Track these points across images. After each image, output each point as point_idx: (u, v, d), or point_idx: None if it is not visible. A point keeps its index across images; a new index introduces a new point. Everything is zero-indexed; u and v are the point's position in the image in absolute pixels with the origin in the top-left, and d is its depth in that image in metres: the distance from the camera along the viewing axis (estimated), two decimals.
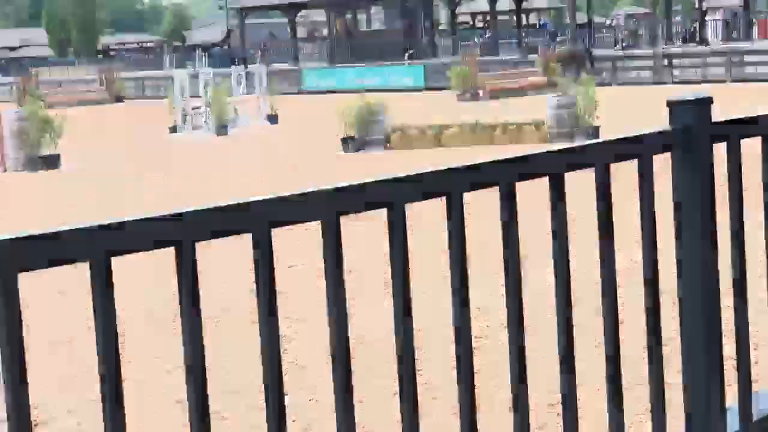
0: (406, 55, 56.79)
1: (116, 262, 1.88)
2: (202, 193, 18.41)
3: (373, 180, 2.24)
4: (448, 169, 2.40)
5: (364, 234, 12.56)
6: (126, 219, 1.83)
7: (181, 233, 1.90)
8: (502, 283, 2.61)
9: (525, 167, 2.57)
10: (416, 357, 2.35)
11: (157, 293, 10.50)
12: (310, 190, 2.09)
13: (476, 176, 2.48)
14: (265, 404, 2.11)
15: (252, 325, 8.78)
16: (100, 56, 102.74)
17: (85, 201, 18.30)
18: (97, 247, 1.79)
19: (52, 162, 24.01)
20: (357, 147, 23.82)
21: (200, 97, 32.16)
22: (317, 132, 28.82)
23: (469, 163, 2.43)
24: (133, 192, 19.18)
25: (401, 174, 2.30)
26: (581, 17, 65.13)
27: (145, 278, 11.14)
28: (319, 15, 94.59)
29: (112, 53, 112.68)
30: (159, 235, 1.88)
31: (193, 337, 1.98)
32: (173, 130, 31.96)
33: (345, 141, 24.09)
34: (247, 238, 2.04)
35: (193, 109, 32.00)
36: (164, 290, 10.48)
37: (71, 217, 16.39)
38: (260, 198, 2.00)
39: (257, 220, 2.00)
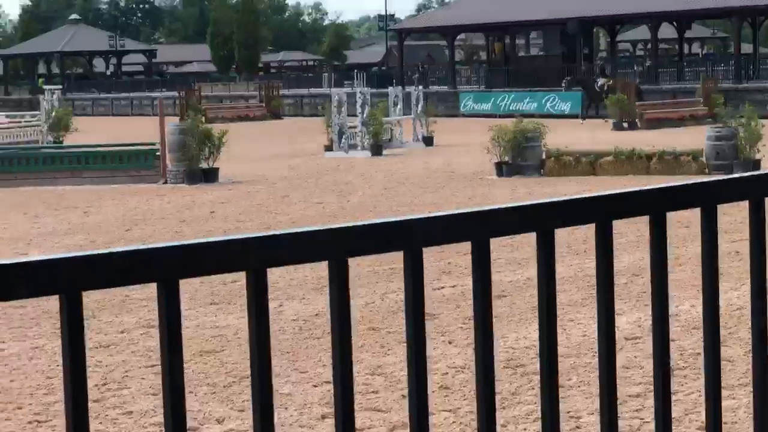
0: (564, 81, 56.43)
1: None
2: (355, 210, 18.60)
3: (523, 204, 2.26)
4: (597, 196, 2.40)
5: (515, 259, 12.54)
6: (281, 232, 1.88)
7: (334, 248, 1.95)
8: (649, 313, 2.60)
9: (676, 197, 2.56)
10: (560, 383, 2.36)
11: (304, 308, 10.63)
12: (462, 211, 2.11)
13: (626, 204, 2.47)
14: (409, 423, 2.14)
15: (399, 345, 8.82)
16: (261, 73, 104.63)
17: (241, 214, 18.64)
18: (253, 258, 1.85)
19: (210, 175, 24.51)
20: (511, 172, 23.75)
21: (357, 116, 32.47)
22: (471, 155, 28.82)
23: (618, 191, 2.43)
24: (286, 206, 19.48)
25: (549, 199, 2.31)
26: (747, 47, 63.84)
27: (292, 292, 11.30)
28: (477, 38, 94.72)
29: (272, 70, 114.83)
30: (313, 248, 1.93)
31: (343, 354, 2.02)
32: (329, 148, 32.34)
33: (499, 165, 24.05)
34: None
35: (349, 128, 32.34)
36: (309, 306, 10.61)
37: (228, 228, 16.72)
38: (412, 217, 2.04)
39: (410, 239, 2.03)
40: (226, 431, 7.11)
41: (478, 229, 2.13)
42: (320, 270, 11.06)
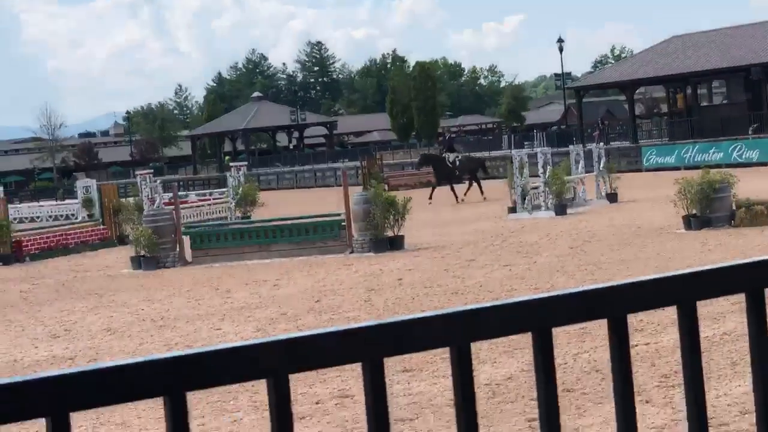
0: (751, 129, 55.18)
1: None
2: (542, 271, 18.42)
3: (730, 264, 2.17)
4: None
5: (710, 314, 12.21)
6: (484, 305, 1.85)
7: (538, 319, 1.91)
8: None
9: None
10: None
11: (496, 372, 10.55)
12: (666, 275, 2.05)
13: None
14: None
15: (595, 406, 8.65)
16: (440, 138, 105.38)
17: (428, 280, 18.66)
18: (458, 334, 1.82)
19: (396, 243, 24.67)
20: (700, 225, 23.25)
21: (539, 176, 32.34)
22: (657, 210, 28.37)
23: None
24: (473, 270, 19.43)
25: (758, 258, 2.21)
26: None
27: (483, 356, 11.22)
28: (657, 91, 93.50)
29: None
30: (517, 321, 1.90)
31: (549, 417, 1.97)
32: (512, 209, 32.24)
33: (687, 218, 23.57)
34: None
35: (532, 188, 32.22)
36: (502, 370, 10.51)
37: (417, 295, 16.77)
38: (612, 284, 1.99)
39: (614, 306, 1.98)
40: None
41: (683, 293, 2.06)
42: None
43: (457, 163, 42.73)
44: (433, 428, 8.67)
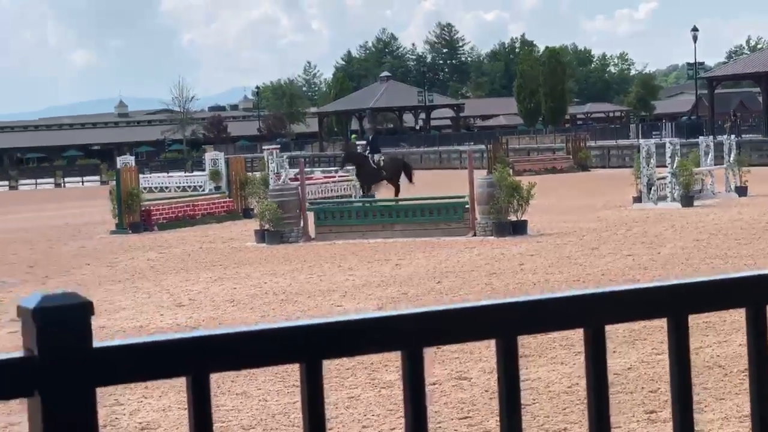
0: None
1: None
2: (666, 262, 18.18)
3: None
4: None
5: None
6: (618, 288, 1.84)
7: (673, 306, 1.89)
8: None
9: None
10: None
11: (613, 362, 10.46)
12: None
13: None
14: None
15: (716, 402, 8.53)
16: (567, 125, 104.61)
17: (550, 266, 18.56)
18: (592, 315, 1.82)
19: (519, 228, 24.56)
20: None
21: (666, 167, 31.89)
22: None
23: None
24: (595, 259, 19.25)
25: None
26: None
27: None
28: None
29: (578, 122, 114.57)
30: (651, 305, 1.88)
31: (685, 405, 1.95)
32: (637, 199, 31.87)
33: None
34: None
35: (658, 179, 31.79)
36: (621, 360, 10.40)
37: (538, 281, 16.69)
38: (757, 272, 1.96)
39: (750, 297, 1.95)
40: None
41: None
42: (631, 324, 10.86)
43: (382, 163, 40.73)
44: (550, 415, 8.63)
